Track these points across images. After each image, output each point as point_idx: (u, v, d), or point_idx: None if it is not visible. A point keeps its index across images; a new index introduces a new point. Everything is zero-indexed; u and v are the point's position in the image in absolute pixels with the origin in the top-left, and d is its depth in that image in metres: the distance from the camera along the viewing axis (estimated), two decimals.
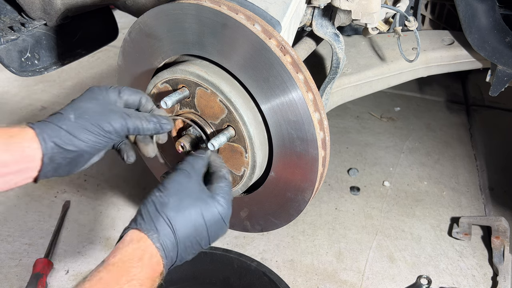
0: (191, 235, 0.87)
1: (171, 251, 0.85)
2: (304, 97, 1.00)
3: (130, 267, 0.78)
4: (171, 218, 0.85)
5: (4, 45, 1.42)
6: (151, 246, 0.82)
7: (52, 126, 0.87)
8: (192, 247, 0.88)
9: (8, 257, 1.81)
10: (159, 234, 0.83)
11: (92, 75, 3.30)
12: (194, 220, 0.87)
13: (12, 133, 0.84)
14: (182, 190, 0.88)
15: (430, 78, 1.81)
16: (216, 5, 1.02)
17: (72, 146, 0.88)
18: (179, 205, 0.86)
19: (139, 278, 0.78)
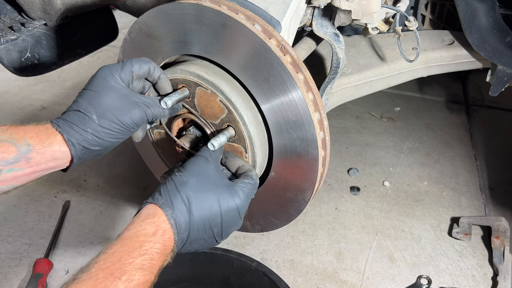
0: (205, 218, 0.88)
1: (183, 230, 0.86)
2: (304, 97, 1.00)
3: (143, 242, 0.81)
4: (189, 197, 0.87)
5: (4, 45, 1.42)
6: (165, 222, 0.84)
7: (78, 129, 0.91)
8: (205, 231, 0.89)
9: (8, 257, 1.81)
10: (174, 210, 0.86)
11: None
12: (210, 203, 0.88)
13: (43, 136, 0.89)
14: (201, 173, 0.91)
15: (430, 78, 1.81)
16: (216, 5, 1.02)
17: (98, 146, 0.94)
18: (198, 186, 0.89)
19: (151, 253, 0.80)
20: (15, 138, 0.87)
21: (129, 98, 0.95)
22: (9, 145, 0.86)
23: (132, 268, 0.76)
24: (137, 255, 0.79)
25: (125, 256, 0.78)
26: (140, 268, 0.77)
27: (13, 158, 0.86)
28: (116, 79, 0.96)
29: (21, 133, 0.88)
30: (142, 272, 0.77)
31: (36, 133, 0.89)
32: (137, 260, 0.78)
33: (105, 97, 0.93)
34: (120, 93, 0.95)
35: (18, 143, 0.87)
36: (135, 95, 0.97)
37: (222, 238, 0.95)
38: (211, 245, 0.95)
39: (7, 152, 0.86)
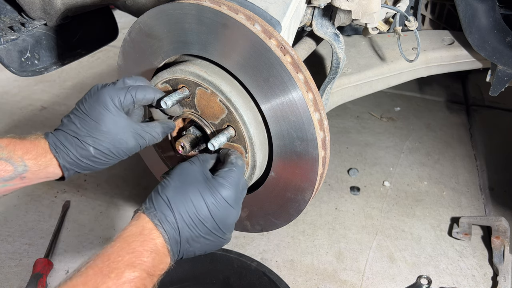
0: (191, 212, 0.89)
1: (171, 228, 0.87)
2: (304, 97, 1.00)
3: (131, 241, 0.83)
4: (170, 198, 0.89)
5: (4, 45, 1.42)
6: (149, 222, 0.87)
7: (73, 156, 0.97)
8: (197, 227, 0.89)
9: (8, 257, 1.81)
10: (157, 211, 0.88)
11: (92, 75, 3.30)
12: (192, 198, 0.89)
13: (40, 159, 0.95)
14: (183, 174, 0.93)
15: (430, 78, 1.81)
16: (216, 5, 1.02)
17: (89, 170, 1.02)
18: (179, 186, 0.91)
19: (139, 250, 0.82)
20: (13, 157, 0.91)
21: (125, 129, 0.99)
22: (6, 164, 0.90)
23: (121, 266, 0.78)
24: (125, 254, 0.80)
25: (113, 255, 0.80)
26: (129, 265, 0.79)
27: (8, 176, 0.91)
28: (116, 106, 0.98)
29: (19, 152, 0.92)
30: (131, 269, 0.79)
31: (35, 156, 0.94)
32: (126, 258, 0.80)
33: (103, 128, 0.97)
34: (118, 125, 0.98)
35: (16, 163, 0.91)
36: (131, 125, 1.01)
37: (224, 233, 0.93)
38: (216, 242, 0.94)
39: (3, 171, 0.90)
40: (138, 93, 1.01)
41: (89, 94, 1.00)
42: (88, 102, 0.98)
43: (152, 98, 1.04)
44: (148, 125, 1.05)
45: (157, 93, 1.05)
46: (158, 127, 1.06)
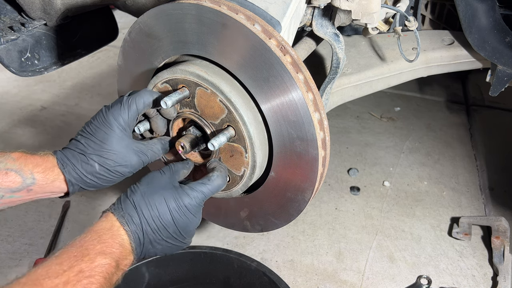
0: (155, 216, 0.95)
1: (136, 229, 0.93)
2: (304, 97, 1.00)
3: (102, 234, 0.90)
4: (136, 201, 0.95)
5: (4, 45, 1.42)
6: (117, 221, 0.93)
7: (79, 173, 1.02)
8: (160, 231, 0.95)
9: (8, 257, 1.81)
10: (125, 212, 0.94)
11: (92, 75, 3.30)
12: (157, 204, 0.95)
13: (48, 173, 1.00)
14: (152, 182, 0.99)
15: (430, 78, 1.81)
16: (216, 5, 1.02)
17: (93, 188, 1.07)
18: (146, 192, 0.97)
19: (110, 242, 0.89)
20: (23, 170, 0.96)
21: (129, 148, 1.05)
22: (16, 175, 0.95)
23: (93, 252, 0.85)
24: (97, 243, 0.87)
25: (86, 244, 0.87)
26: (101, 253, 0.85)
27: (16, 188, 0.96)
28: (120, 127, 1.03)
29: (30, 165, 0.97)
30: (103, 256, 0.85)
31: (43, 169, 0.99)
32: (97, 247, 0.86)
33: (108, 147, 1.02)
34: (122, 143, 1.04)
35: (25, 175, 0.96)
36: (134, 143, 1.06)
37: (185, 237, 0.99)
38: (177, 246, 1.00)
39: (13, 182, 0.95)
40: (137, 102, 1.04)
41: (95, 117, 1.05)
42: (93, 124, 1.03)
43: (151, 101, 1.06)
44: (148, 143, 1.11)
45: (153, 94, 1.07)
46: (157, 143, 1.12)
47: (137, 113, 1.05)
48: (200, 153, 1.19)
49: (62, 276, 0.78)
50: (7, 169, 0.95)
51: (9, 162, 0.95)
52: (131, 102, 1.04)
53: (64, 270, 0.79)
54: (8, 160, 0.96)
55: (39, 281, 0.77)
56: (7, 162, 0.95)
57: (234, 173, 1.12)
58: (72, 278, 0.79)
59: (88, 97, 2.99)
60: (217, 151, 1.11)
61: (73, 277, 0.79)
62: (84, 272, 0.81)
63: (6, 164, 0.95)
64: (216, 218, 1.33)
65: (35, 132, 2.56)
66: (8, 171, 0.95)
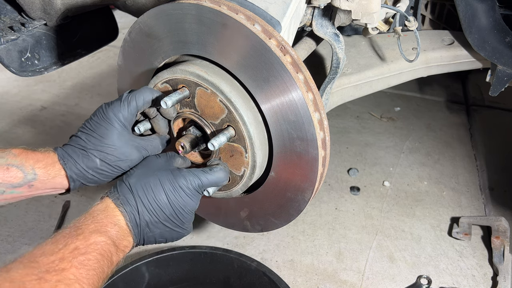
0: (150, 198, 0.95)
1: (132, 209, 0.94)
2: (304, 97, 1.00)
3: (96, 214, 0.91)
4: (131, 184, 0.96)
5: (4, 45, 1.42)
6: (112, 203, 0.94)
7: (80, 168, 1.03)
8: (156, 213, 0.95)
9: (8, 257, 1.81)
10: (120, 195, 0.95)
11: (92, 75, 3.30)
12: (152, 185, 0.96)
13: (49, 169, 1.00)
14: (147, 165, 1.01)
15: (430, 78, 1.81)
16: (216, 5, 1.02)
17: (94, 183, 1.07)
18: (142, 174, 0.99)
19: (104, 222, 0.90)
20: (25, 165, 0.97)
21: (129, 143, 1.05)
22: (18, 171, 0.96)
23: (88, 231, 0.86)
24: (90, 222, 0.89)
25: (79, 224, 0.88)
26: (95, 231, 0.87)
27: (18, 183, 0.97)
28: (120, 122, 1.04)
29: (31, 161, 0.98)
30: (97, 234, 0.86)
31: (44, 165, 1.00)
32: (91, 226, 0.88)
33: (109, 142, 1.03)
34: (122, 139, 1.04)
35: (26, 170, 0.97)
36: (134, 138, 1.07)
37: (182, 221, 0.99)
38: (176, 231, 1.00)
39: (14, 177, 0.96)
40: (137, 98, 1.05)
41: (95, 113, 1.05)
42: (94, 120, 1.04)
43: (151, 99, 1.07)
44: (147, 138, 1.11)
45: (153, 92, 1.08)
46: (156, 138, 1.13)
47: (136, 109, 1.05)
48: (200, 153, 1.19)
49: (58, 253, 0.80)
50: (8, 165, 0.95)
51: (10, 157, 0.96)
52: (130, 98, 1.05)
53: (59, 248, 0.81)
54: (9, 156, 0.96)
55: (35, 259, 0.78)
56: (8, 157, 0.96)
57: (234, 173, 1.13)
58: (68, 255, 0.80)
59: (88, 97, 2.99)
60: (217, 151, 1.11)
61: (68, 254, 0.80)
62: (79, 249, 0.82)
63: (7, 160, 0.96)
64: (216, 218, 1.33)
65: (35, 132, 2.56)
66: (9, 167, 0.95)
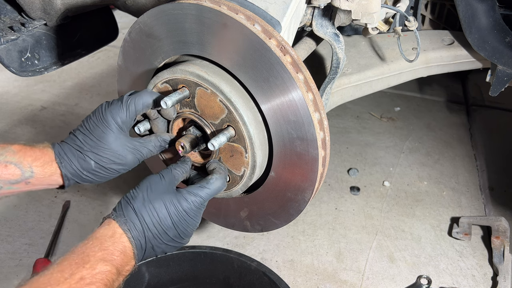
0: (156, 222, 0.96)
1: (139, 236, 0.95)
2: (304, 97, 1.00)
3: (103, 241, 0.91)
4: (137, 208, 0.96)
5: (4, 45, 1.42)
6: (119, 228, 0.94)
7: (75, 168, 1.05)
8: (161, 236, 0.97)
9: (8, 257, 1.81)
10: (127, 219, 0.95)
11: (92, 75, 3.30)
12: (158, 210, 0.97)
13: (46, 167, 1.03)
14: (151, 187, 1.00)
15: (430, 78, 1.81)
16: (216, 5, 1.02)
17: (90, 182, 1.10)
18: (147, 198, 0.98)
19: (111, 249, 0.89)
20: (23, 163, 0.99)
21: (124, 146, 1.07)
22: (16, 168, 0.98)
23: (94, 260, 0.86)
24: (98, 250, 0.88)
25: (87, 251, 0.88)
26: (102, 260, 0.86)
27: (15, 180, 0.99)
28: (117, 125, 1.05)
29: (29, 159, 1.00)
30: (104, 263, 0.86)
31: (42, 163, 1.02)
32: (98, 254, 0.87)
33: (105, 145, 1.05)
34: (118, 142, 1.06)
35: (24, 168, 0.99)
36: (130, 141, 1.08)
37: (183, 238, 1.01)
38: (175, 247, 1.02)
39: (12, 175, 0.98)
40: (136, 102, 1.06)
41: (94, 112, 1.06)
42: (92, 121, 1.05)
43: (151, 102, 1.07)
44: (145, 140, 1.12)
45: (153, 95, 1.08)
46: (154, 140, 1.13)
47: (135, 113, 1.06)
48: (200, 153, 1.19)
49: (64, 283, 0.79)
50: (7, 162, 0.98)
51: (9, 155, 0.98)
52: (130, 102, 1.05)
53: (65, 277, 0.81)
54: (8, 153, 0.98)
55: None
56: (7, 155, 0.98)
57: (234, 173, 1.13)
58: (74, 285, 0.80)
59: (88, 97, 2.99)
60: (217, 151, 1.11)
61: (74, 285, 0.80)
62: (85, 279, 0.82)
63: (6, 157, 0.98)
64: (216, 218, 1.33)
65: (35, 132, 2.56)
66: (7, 164, 0.98)
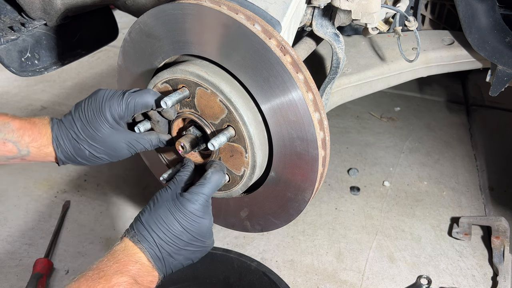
0: (165, 230, 0.98)
1: (150, 247, 0.96)
2: (304, 97, 1.00)
3: (117, 256, 0.93)
4: (144, 220, 0.99)
5: (4, 45, 1.42)
6: (130, 242, 0.97)
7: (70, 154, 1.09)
8: (175, 242, 0.98)
9: (8, 257, 1.81)
10: (136, 233, 0.98)
11: (92, 75, 3.30)
12: (164, 217, 0.98)
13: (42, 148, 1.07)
14: (157, 199, 1.02)
15: (430, 78, 1.81)
16: (216, 5, 1.02)
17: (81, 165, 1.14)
18: (152, 209, 1.01)
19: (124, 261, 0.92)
20: (21, 142, 1.04)
21: (120, 139, 1.09)
22: (13, 146, 1.04)
23: (109, 273, 0.88)
24: (112, 263, 0.91)
25: (102, 266, 0.90)
26: (117, 272, 0.89)
27: (12, 156, 1.05)
28: (114, 119, 1.06)
29: (27, 139, 1.05)
30: (119, 275, 0.88)
31: (38, 145, 1.06)
32: (113, 267, 0.90)
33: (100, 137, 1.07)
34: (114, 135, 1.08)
35: (21, 147, 1.04)
36: (126, 135, 1.10)
37: (204, 240, 1.02)
38: (200, 250, 1.03)
39: (9, 151, 1.04)
40: (137, 101, 1.07)
41: (93, 100, 1.07)
42: (91, 109, 1.07)
43: (152, 103, 1.08)
44: (142, 137, 1.13)
45: (155, 95, 1.09)
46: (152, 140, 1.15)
47: (133, 112, 1.08)
48: (200, 153, 1.19)
49: None
50: (6, 140, 1.03)
51: (9, 133, 1.03)
52: (130, 100, 1.06)
53: None
54: (7, 131, 1.03)
55: None
56: (6, 132, 1.03)
57: (234, 173, 1.13)
58: None
59: None
60: (217, 151, 1.11)
61: None
62: None
63: (5, 135, 1.03)
64: (216, 218, 1.32)
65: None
66: (6, 141, 1.03)
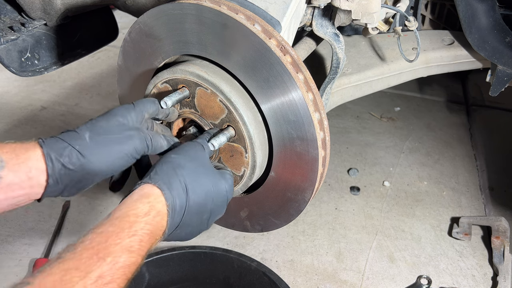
0: (199, 203, 0.88)
1: (177, 214, 0.84)
2: (304, 97, 1.00)
3: (134, 222, 0.77)
4: (186, 181, 0.86)
5: (4, 45, 1.42)
6: (161, 203, 0.82)
7: (63, 143, 0.85)
8: (196, 217, 0.89)
9: (8, 257, 1.81)
10: (172, 193, 0.83)
11: (92, 75, 3.30)
12: (206, 189, 0.89)
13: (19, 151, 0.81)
14: (198, 159, 0.92)
15: (430, 78, 1.81)
16: (216, 5, 1.02)
17: (79, 169, 0.86)
18: (195, 171, 0.88)
19: (141, 234, 0.77)
20: None
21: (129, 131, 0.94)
22: None
23: (119, 250, 0.73)
24: (125, 236, 0.75)
25: (112, 236, 0.74)
26: (128, 250, 0.74)
27: None
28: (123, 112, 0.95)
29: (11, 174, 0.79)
30: (129, 254, 0.73)
31: (12, 148, 0.80)
32: (125, 241, 0.74)
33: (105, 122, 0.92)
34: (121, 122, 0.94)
35: None
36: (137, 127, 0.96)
37: (207, 227, 0.96)
38: (195, 233, 0.94)
39: None
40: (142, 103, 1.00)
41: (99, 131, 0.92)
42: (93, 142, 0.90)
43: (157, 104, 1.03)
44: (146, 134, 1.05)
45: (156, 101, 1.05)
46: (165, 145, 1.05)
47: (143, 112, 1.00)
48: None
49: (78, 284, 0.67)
50: None
51: None
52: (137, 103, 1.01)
53: (80, 277, 0.67)
54: None
55: None
56: None
57: (234, 173, 1.13)
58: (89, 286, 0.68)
59: (88, 97, 2.99)
60: (217, 151, 1.11)
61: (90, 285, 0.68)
62: (104, 277, 0.69)
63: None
64: None
65: (35, 132, 2.56)
66: None
